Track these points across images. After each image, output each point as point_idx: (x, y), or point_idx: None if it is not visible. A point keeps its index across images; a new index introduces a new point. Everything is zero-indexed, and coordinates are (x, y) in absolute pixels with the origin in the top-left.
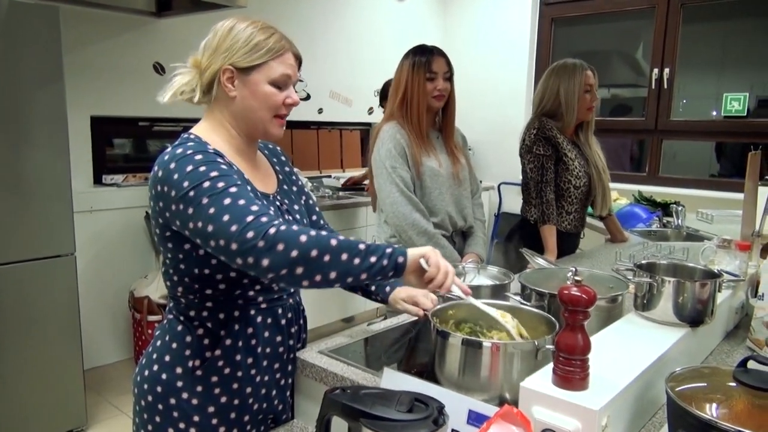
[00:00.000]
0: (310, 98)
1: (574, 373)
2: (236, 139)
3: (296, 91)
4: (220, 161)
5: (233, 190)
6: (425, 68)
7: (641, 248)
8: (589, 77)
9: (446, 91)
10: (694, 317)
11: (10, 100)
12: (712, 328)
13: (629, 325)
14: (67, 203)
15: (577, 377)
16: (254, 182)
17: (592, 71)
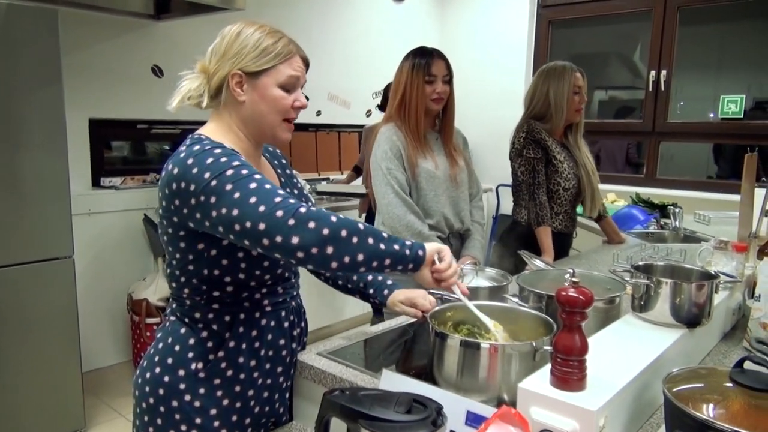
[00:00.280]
0: (308, 100)
1: (571, 374)
2: (244, 142)
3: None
4: (239, 154)
5: (258, 176)
6: (424, 71)
7: (639, 250)
8: (578, 79)
9: (445, 94)
10: (691, 318)
11: (8, 102)
12: (709, 329)
13: (627, 326)
14: (65, 206)
15: (574, 378)
16: None
17: (581, 73)
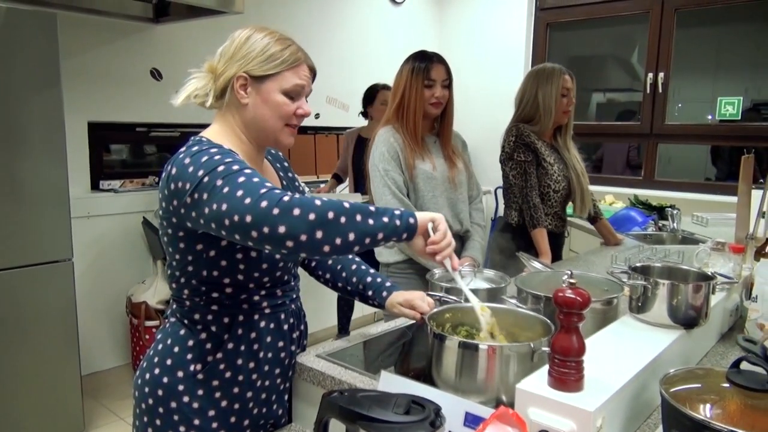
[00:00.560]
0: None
1: (569, 374)
2: (246, 145)
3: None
4: (235, 153)
5: (248, 171)
6: (424, 75)
7: (637, 251)
8: (566, 81)
9: (443, 98)
10: (688, 319)
11: (7, 105)
12: (706, 330)
13: (624, 327)
14: (64, 209)
15: (572, 379)
16: None
17: (570, 76)
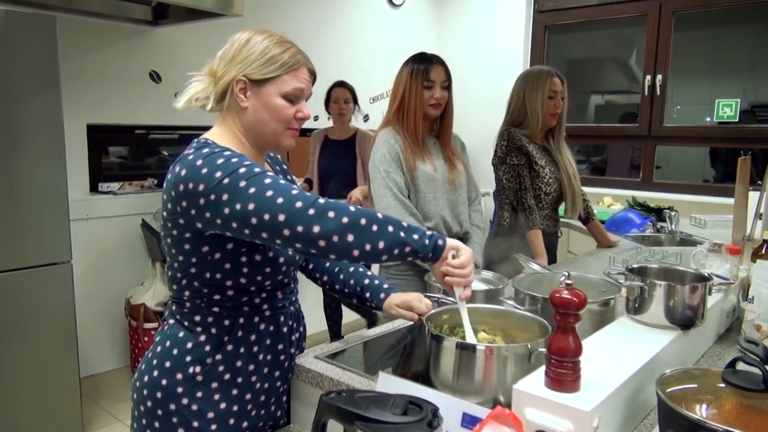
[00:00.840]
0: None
1: (565, 375)
2: (247, 148)
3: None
4: (246, 157)
5: (270, 173)
6: (423, 76)
7: (635, 253)
8: (554, 84)
9: (443, 100)
10: (684, 320)
11: (6, 108)
12: (703, 331)
13: (621, 328)
14: (63, 211)
15: (568, 379)
16: None
17: (560, 78)
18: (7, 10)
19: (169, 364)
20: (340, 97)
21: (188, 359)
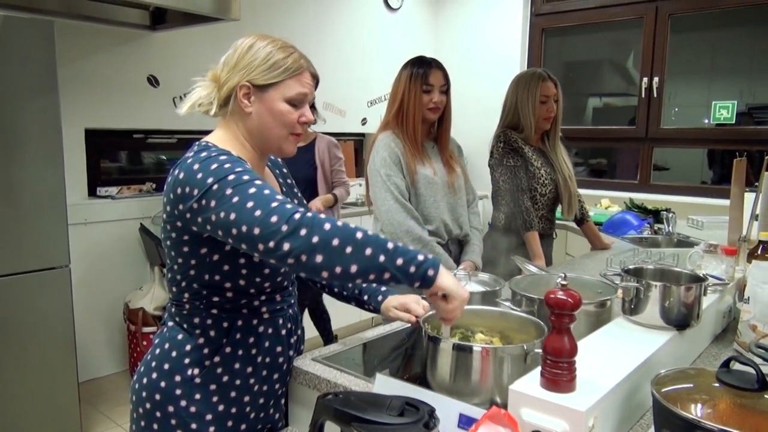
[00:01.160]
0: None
1: (561, 375)
2: (249, 152)
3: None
4: (244, 162)
5: (258, 182)
6: (422, 80)
7: (632, 254)
8: (546, 88)
9: (441, 104)
10: (680, 320)
11: (4, 112)
12: (699, 331)
13: (617, 329)
14: (61, 215)
15: (564, 379)
16: None
17: (553, 82)
18: (4, 15)
19: (167, 366)
20: None
21: (187, 361)
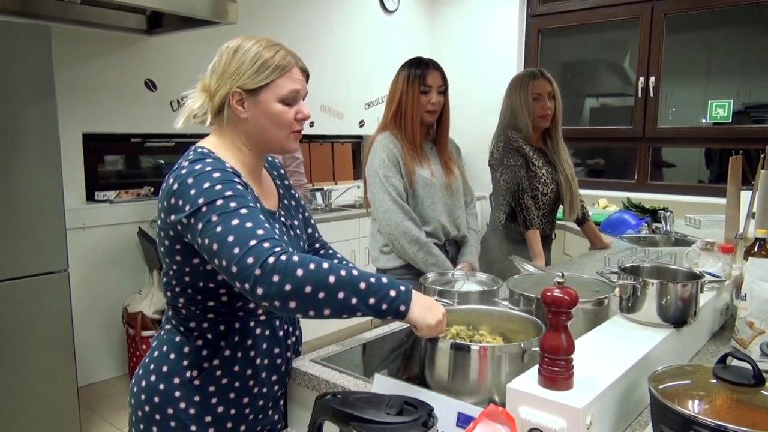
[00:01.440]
0: None
1: (558, 373)
2: (247, 156)
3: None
4: (237, 181)
5: (243, 211)
6: (420, 81)
7: (630, 253)
8: (537, 85)
9: (439, 105)
10: (677, 318)
11: (2, 118)
12: (697, 328)
13: (615, 326)
14: (59, 220)
15: (561, 377)
16: (261, 200)
17: (547, 79)
18: (1, 20)
19: (166, 368)
20: None
21: (185, 363)
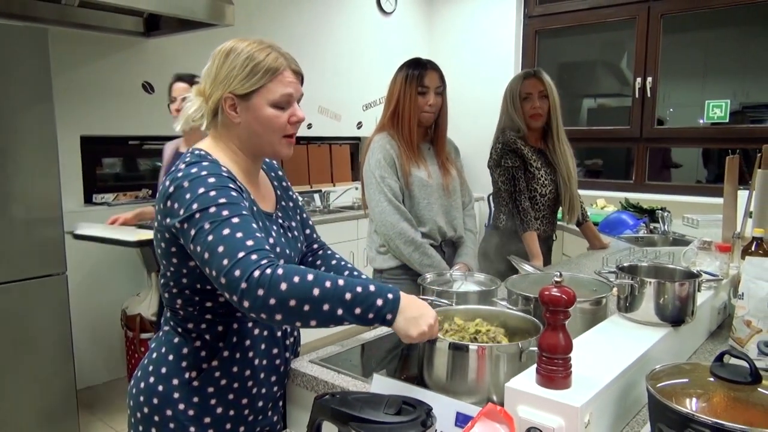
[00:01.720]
0: None
1: (556, 371)
2: (243, 160)
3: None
4: (231, 186)
5: (235, 220)
6: (417, 82)
7: (628, 253)
8: (527, 85)
9: (436, 106)
10: (675, 317)
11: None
12: (694, 327)
13: (613, 326)
14: (57, 223)
15: (559, 376)
16: (258, 203)
17: (539, 79)
18: None
19: (164, 370)
20: (178, 95)
21: (184, 365)
